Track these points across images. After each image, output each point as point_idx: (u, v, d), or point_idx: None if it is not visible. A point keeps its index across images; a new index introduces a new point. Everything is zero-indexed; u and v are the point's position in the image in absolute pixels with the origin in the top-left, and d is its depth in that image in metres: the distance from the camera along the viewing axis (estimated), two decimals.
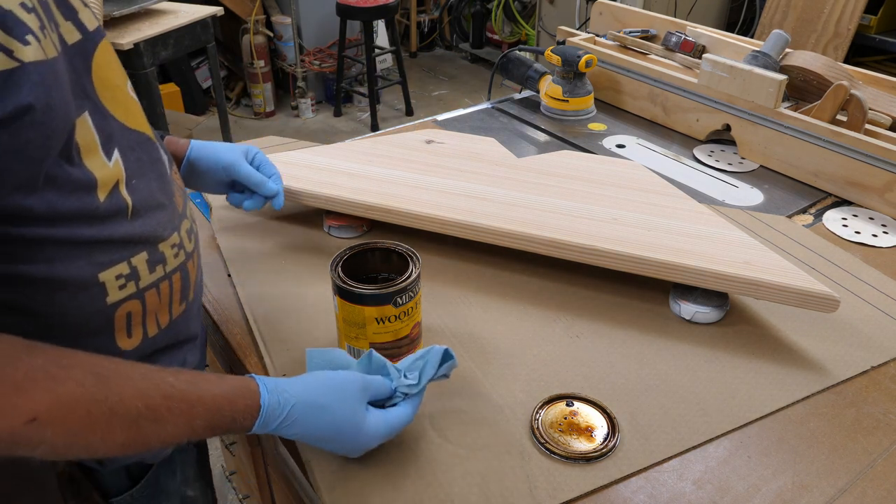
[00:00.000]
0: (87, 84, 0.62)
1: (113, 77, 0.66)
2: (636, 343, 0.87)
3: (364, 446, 0.69)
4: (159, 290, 0.68)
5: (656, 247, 0.91)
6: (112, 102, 0.64)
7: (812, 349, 0.86)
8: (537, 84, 1.57)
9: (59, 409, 0.52)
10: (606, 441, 0.73)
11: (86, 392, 0.54)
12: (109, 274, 0.62)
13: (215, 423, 0.61)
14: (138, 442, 0.57)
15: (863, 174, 1.14)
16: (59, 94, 0.55)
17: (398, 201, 1.01)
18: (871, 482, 0.70)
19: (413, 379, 0.70)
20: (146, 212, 0.66)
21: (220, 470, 1.95)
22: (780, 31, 1.30)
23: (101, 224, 0.61)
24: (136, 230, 0.64)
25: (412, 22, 4.99)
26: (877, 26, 2.87)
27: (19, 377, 0.51)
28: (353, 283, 0.76)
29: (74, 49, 0.61)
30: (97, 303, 0.62)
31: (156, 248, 0.67)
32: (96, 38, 0.64)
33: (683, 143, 1.40)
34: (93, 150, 0.60)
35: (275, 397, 0.64)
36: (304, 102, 4.12)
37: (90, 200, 0.60)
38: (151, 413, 0.57)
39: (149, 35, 2.61)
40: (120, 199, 0.63)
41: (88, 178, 0.59)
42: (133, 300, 0.65)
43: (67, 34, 0.60)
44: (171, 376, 0.60)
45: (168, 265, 0.68)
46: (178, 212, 0.71)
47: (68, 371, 0.54)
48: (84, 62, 0.62)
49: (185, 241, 0.72)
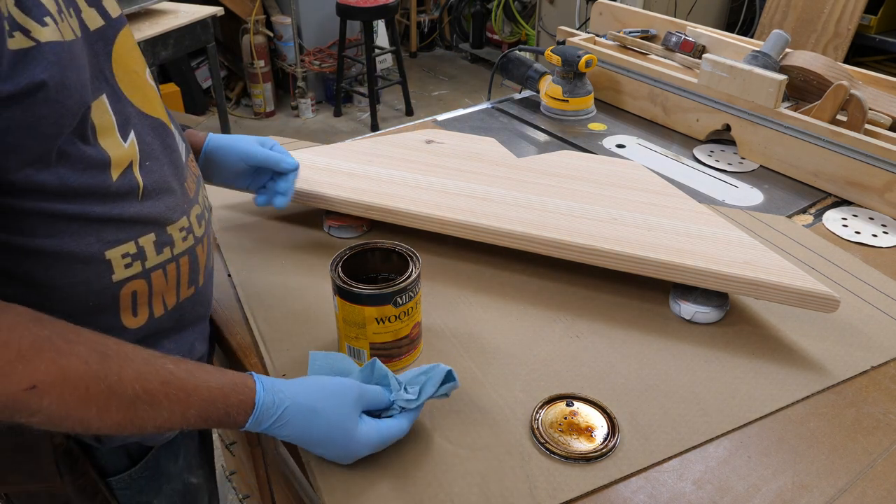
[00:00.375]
0: (107, 69, 0.63)
1: (132, 63, 0.67)
2: (636, 343, 0.87)
3: (355, 454, 0.69)
4: (166, 271, 0.69)
5: (656, 247, 0.91)
6: (130, 87, 0.66)
7: (812, 349, 0.86)
8: (537, 84, 1.57)
9: (59, 380, 0.54)
10: (606, 441, 0.73)
11: (88, 368, 0.55)
12: (116, 252, 0.64)
13: (208, 415, 0.62)
14: (133, 424, 0.58)
15: (863, 174, 1.14)
16: (75, 75, 0.57)
17: (398, 201, 1.01)
18: (871, 482, 0.70)
19: (413, 394, 0.70)
20: (157, 194, 0.67)
21: (221, 470, 1.95)
22: (780, 31, 1.30)
23: (112, 202, 0.63)
24: (146, 211, 0.66)
25: (412, 22, 4.99)
26: (877, 26, 2.87)
27: (25, 345, 0.53)
28: (353, 283, 0.76)
29: (96, 34, 0.63)
30: (103, 279, 0.64)
31: (164, 230, 0.68)
32: (118, 25, 0.66)
33: (683, 143, 1.40)
34: (109, 131, 0.62)
35: (270, 396, 0.65)
36: (304, 102, 4.12)
37: (103, 178, 0.61)
38: (148, 396, 0.58)
39: (149, 35, 2.61)
40: (133, 178, 0.64)
41: (103, 156, 0.61)
42: (139, 279, 0.66)
43: (90, 20, 0.62)
44: (172, 364, 0.61)
45: (176, 248, 0.70)
46: (190, 197, 0.73)
47: (73, 346, 0.56)
48: (105, 47, 0.64)
49: (195, 225, 0.73)
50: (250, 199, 1.15)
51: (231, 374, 0.65)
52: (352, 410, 0.68)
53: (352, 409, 0.68)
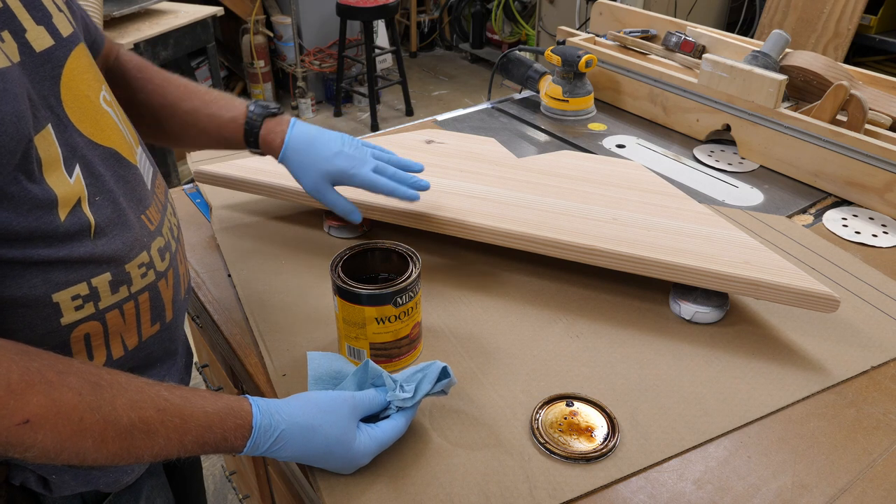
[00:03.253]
0: (52, 95, 0.59)
1: (84, 87, 0.63)
2: (636, 343, 0.87)
3: (356, 464, 0.69)
4: (123, 311, 0.65)
5: (656, 247, 0.91)
6: (79, 114, 0.62)
7: (812, 349, 0.86)
8: (537, 84, 1.57)
9: (53, 413, 0.52)
10: (606, 441, 0.73)
11: (81, 399, 0.53)
12: (65, 294, 0.60)
13: (206, 441, 0.60)
14: (130, 453, 0.57)
15: (863, 174, 1.14)
16: (10, 107, 0.52)
17: (398, 201, 1.01)
18: (871, 482, 0.70)
19: (409, 392, 0.70)
20: (111, 230, 0.63)
21: (220, 470, 1.95)
22: (780, 31, 1.30)
23: (60, 244, 0.58)
24: (99, 249, 0.61)
25: (412, 22, 4.99)
26: (877, 26, 2.87)
27: (14, 379, 0.51)
28: (353, 283, 0.76)
29: (42, 57, 0.58)
30: (50, 323, 0.60)
31: (121, 269, 0.64)
32: (70, 44, 0.61)
33: (683, 143, 1.40)
34: (54, 166, 0.57)
35: (266, 419, 0.64)
36: (304, 102, 4.12)
37: (50, 219, 0.57)
38: (144, 425, 0.57)
39: (149, 35, 2.61)
40: (82, 216, 0.60)
41: (49, 195, 0.57)
42: (92, 321, 0.62)
43: (37, 40, 0.57)
44: (166, 391, 0.60)
45: (134, 286, 0.65)
46: (150, 230, 0.68)
47: (64, 377, 0.54)
48: (53, 70, 0.59)
49: (157, 260, 0.68)
50: (250, 199, 1.15)
51: (226, 399, 0.63)
52: (348, 423, 0.67)
53: (348, 421, 0.67)
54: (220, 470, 1.96)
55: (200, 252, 1.06)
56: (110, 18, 2.56)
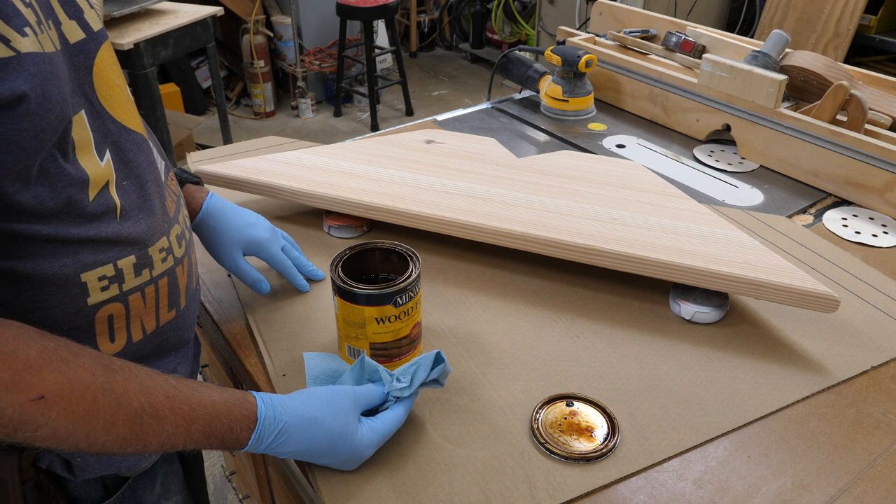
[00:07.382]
0: (87, 83, 0.62)
1: (114, 77, 0.66)
2: (636, 343, 0.87)
3: (359, 457, 0.69)
4: (144, 294, 0.67)
5: (656, 247, 0.91)
6: (111, 102, 0.64)
7: (812, 349, 0.86)
8: (537, 84, 1.57)
9: (67, 390, 0.53)
10: (606, 441, 0.73)
11: (94, 380, 0.55)
12: (92, 275, 0.62)
13: (212, 431, 0.61)
14: (138, 439, 0.57)
15: (863, 174, 1.14)
16: (56, 88, 0.55)
17: (398, 201, 1.01)
18: (871, 482, 0.70)
19: (405, 382, 0.71)
20: (136, 214, 0.65)
21: (220, 470, 1.95)
22: (780, 31, 1.30)
23: (87, 223, 0.61)
24: (125, 231, 0.64)
25: (412, 22, 4.99)
26: (877, 26, 2.87)
27: (33, 355, 0.52)
28: (353, 283, 0.76)
29: (76, 48, 0.61)
30: (78, 303, 0.62)
31: (144, 251, 0.66)
32: (100, 38, 0.64)
33: (683, 143, 1.40)
34: (87, 149, 0.60)
35: (271, 411, 0.65)
36: (304, 102, 4.12)
37: (80, 198, 0.60)
38: (153, 410, 0.58)
39: (149, 35, 2.61)
40: (109, 198, 0.62)
41: (81, 174, 0.59)
42: (115, 303, 0.65)
43: (70, 33, 0.60)
44: (174, 380, 0.61)
45: (155, 269, 0.68)
46: (170, 217, 0.71)
47: (78, 358, 0.55)
48: (86, 61, 0.62)
49: (175, 246, 0.71)
50: (250, 199, 1.15)
51: (232, 391, 0.65)
52: (350, 415, 0.68)
53: (350, 413, 0.68)
54: (220, 470, 1.96)
55: (200, 252, 1.06)
56: (110, 18, 2.56)
